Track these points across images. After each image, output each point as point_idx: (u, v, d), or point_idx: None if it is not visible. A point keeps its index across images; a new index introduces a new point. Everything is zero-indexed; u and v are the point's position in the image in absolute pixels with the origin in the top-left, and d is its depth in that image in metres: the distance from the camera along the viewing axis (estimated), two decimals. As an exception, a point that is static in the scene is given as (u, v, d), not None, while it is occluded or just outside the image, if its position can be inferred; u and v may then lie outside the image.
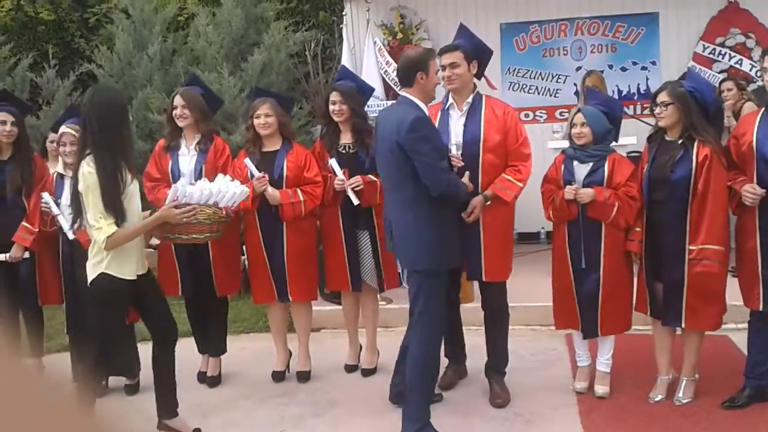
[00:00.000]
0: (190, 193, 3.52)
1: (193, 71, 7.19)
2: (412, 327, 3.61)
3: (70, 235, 4.03)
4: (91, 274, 3.36)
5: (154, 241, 4.10)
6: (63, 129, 4.17)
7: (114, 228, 3.22)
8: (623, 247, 3.71)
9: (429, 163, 3.33)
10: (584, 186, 3.65)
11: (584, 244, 3.69)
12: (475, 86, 3.98)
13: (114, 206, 3.22)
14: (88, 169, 3.24)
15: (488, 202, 3.76)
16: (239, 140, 6.60)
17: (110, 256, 3.29)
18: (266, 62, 7.25)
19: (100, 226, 3.22)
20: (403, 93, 3.58)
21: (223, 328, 4.53)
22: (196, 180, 4.04)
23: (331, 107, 4.27)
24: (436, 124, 3.98)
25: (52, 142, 6.23)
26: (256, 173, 4.09)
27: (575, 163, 3.72)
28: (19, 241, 4.19)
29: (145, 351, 4.35)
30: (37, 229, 4.18)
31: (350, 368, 4.58)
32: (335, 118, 4.28)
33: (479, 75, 4.03)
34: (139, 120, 7.14)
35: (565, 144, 4.28)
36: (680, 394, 3.79)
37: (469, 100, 3.88)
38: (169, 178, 4.19)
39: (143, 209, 3.60)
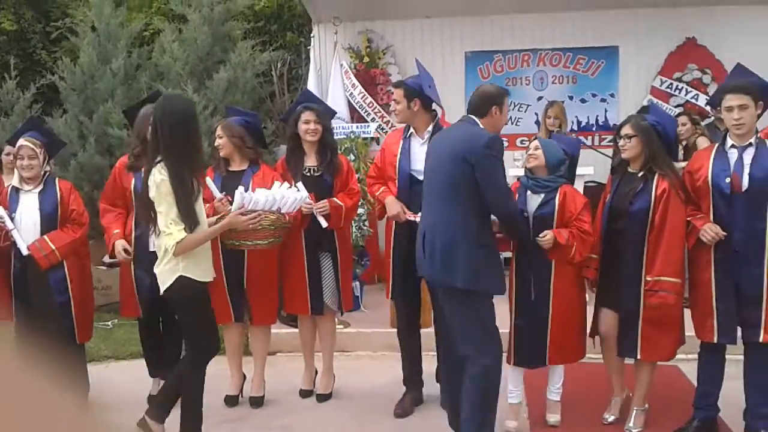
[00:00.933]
0: (256, 200, 3.56)
1: (156, 87, 7.15)
2: (471, 358, 3.42)
3: (24, 251, 3.95)
4: (168, 279, 3.36)
5: (106, 259, 4.04)
6: (21, 142, 4.08)
7: (184, 234, 3.26)
8: (573, 275, 3.75)
9: (500, 182, 3.33)
10: (535, 217, 3.68)
11: (533, 275, 3.71)
12: (435, 115, 4.13)
13: (188, 212, 3.26)
14: (160, 177, 3.25)
15: None
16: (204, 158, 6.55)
17: (186, 260, 3.32)
18: (232, 80, 7.23)
19: (170, 231, 3.25)
20: (471, 117, 3.58)
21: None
22: None
23: (304, 126, 4.25)
24: (399, 150, 4.07)
25: (8, 154, 6.12)
26: (218, 195, 4.07)
27: (528, 193, 3.77)
28: (-33, 255, 4.05)
29: (94, 372, 4.30)
30: None
31: (305, 393, 4.53)
32: (308, 138, 4.26)
33: (437, 103, 4.16)
34: (98, 134, 7.05)
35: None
36: (630, 424, 3.84)
37: (429, 129, 4.06)
38: (131, 197, 4.13)
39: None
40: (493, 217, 3.45)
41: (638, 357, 3.73)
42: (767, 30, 7.05)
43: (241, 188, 3.73)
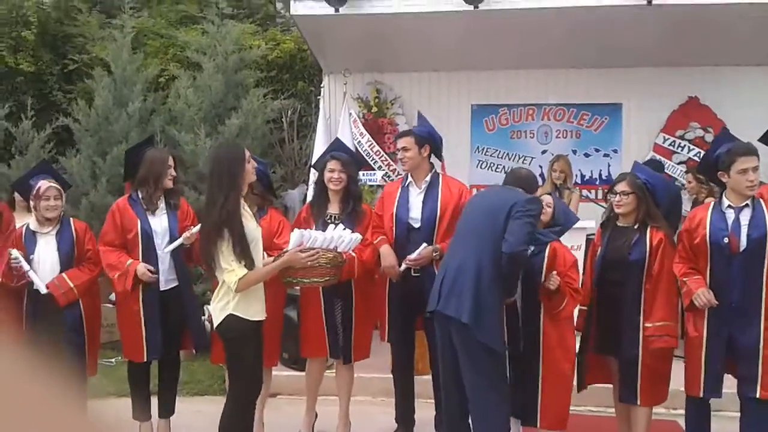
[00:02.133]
0: (314, 238, 3.63)
1: (170, 131, 7.33)
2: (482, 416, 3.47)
3: (43, 290, 4.01)
4: (219, 317, 3.47)
5: (113, 297, 4.09)
6: (46, 183, 4.15)
7: (245, 270, 3.36)
8: (560, 331, 3.76)
9: (523, 230, 3.42)
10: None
11: (523, 328, 3.73)
12: (432, 166, 4.31)
13: (244, 252, 3.37)
14: (221, 219, 3.38)
15: (437, 254, 4.07)
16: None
17: (237, 298, 3.42)
18: (243, 126, 7.41)
19: (232, 269, 3.36)
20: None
21: (175, 388, 4.49)
22: (170, 240, 4.13)
23: (328, 175, 4.34)
24: (396, 199, 4.20)
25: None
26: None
27: None
28: (-21, 292, 4.09)
29: (104, 407, 4.31)
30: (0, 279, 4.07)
31: (305, 436, 4.54)
32: (332, 186, 4.34)
33: (438, 156, 4.41)
34: (111, 175, 7.19)
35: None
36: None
37: (427, 179, 4.26)
38: (136, 239, 4.12)
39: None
40: None
41: (638, 403, 3.78)
42: None
43: (297, 228, 3.81)
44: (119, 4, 8.84)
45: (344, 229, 3.83)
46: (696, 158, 7.36)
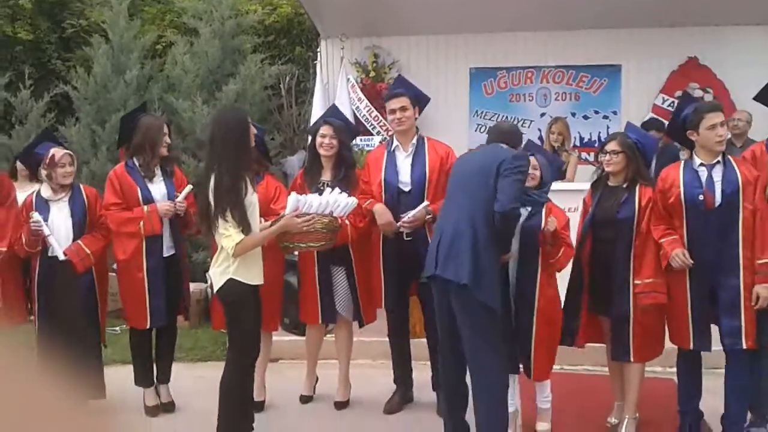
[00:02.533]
0: (310, 203, 3.67)
1: (167, 98, 7.32)
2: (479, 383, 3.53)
3: (61, 256, 4.06)
4: (219, 281, 3.54)
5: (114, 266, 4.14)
6: (60, 151, 4.19)
7: (242, 236, 3.43)
8: (553, 288, 3.86)
9: (513, 187, 3.43)
10: (523, 227, 3.77)
11: (518, 287, 3.81)
12: (417, 129, 4.33)
13: (241, 218, 3.43)
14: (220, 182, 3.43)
15: (429, 216, 4.10)
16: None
17: (236, 263, 3.49)
18: (240, 93, 7.40)
19: (230, 234, 3.42)
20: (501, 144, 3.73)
21: (172, 354, 4.59)
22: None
23: (319, 140, 4.35)
24: (384, 165, 4.23)
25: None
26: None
27: None
28: (-14, 259, 4.12)
29: (111, 373, 4.42)
30: (4, 249, 4.13)
31: (305, 399, 4.64)
32: (323, 152, 4.34)
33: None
34: (110, 143, 7.21)
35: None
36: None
37: (414, 141, 4.27)
38: (140, 203, 4.18)
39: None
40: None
41: (631, 360, 3.86)
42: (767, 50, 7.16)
43: (294, 193, 3.84)
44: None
45: (340, 192, 3.85)
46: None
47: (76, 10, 9.21)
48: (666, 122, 7.28)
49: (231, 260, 3.49)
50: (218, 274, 3.55)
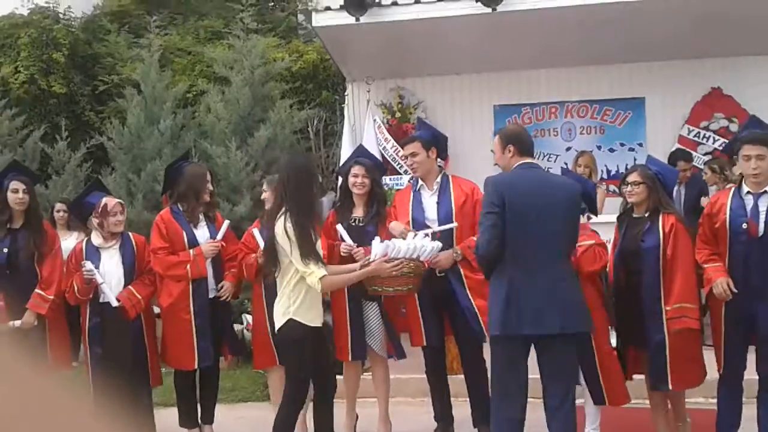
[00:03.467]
0: (398, 248, 3.75)
1: (202, 144, 7.53)
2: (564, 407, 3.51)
3: (114, 303, 4.16)
4: (280, 320, 3.63)
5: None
6: (112, 200, 4.36)
7: (323, 271, 3.52)
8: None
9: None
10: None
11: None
12: (441, 168, 4.45)
13: (315, 255, 3.54)
14: (290, 225, 3.55)
15: (458, 257, 4.14)
16: (243, 211, 6.85)
17: (298, 303, 3.58)
18: (271, 138, 7.58)
19: (311, 270, 3.50)
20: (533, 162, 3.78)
21: (216, 395, 4.63)
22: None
23: (352, 179, 4.47)
24: (411, 204, 4.31)
25: (58, 211, 6.47)
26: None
27: None
28: (34, 308, 4.22)
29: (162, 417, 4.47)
30: (51, 297, 4.24)
31: (346, 438, 4.66)
32: (356, 191, 4.47)
33: (443, 157, 4.56)
34: (146, 191, 7.40)
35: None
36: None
37: (438, 180, 4.35)
38: (186, 247, 4.30)
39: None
40: None
41: (669, 387, 3.86)
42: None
43: (377, 238, 3.91)
44: (145, 23, 9.10)
45: (424, 237, 3.94)
46: (721, 149, 7.37)
47: (108, 64, 9.54)
48: (693, 153, 7.36)
49: (292, 300, 3.57)
50: (280, 314, 3.63)
